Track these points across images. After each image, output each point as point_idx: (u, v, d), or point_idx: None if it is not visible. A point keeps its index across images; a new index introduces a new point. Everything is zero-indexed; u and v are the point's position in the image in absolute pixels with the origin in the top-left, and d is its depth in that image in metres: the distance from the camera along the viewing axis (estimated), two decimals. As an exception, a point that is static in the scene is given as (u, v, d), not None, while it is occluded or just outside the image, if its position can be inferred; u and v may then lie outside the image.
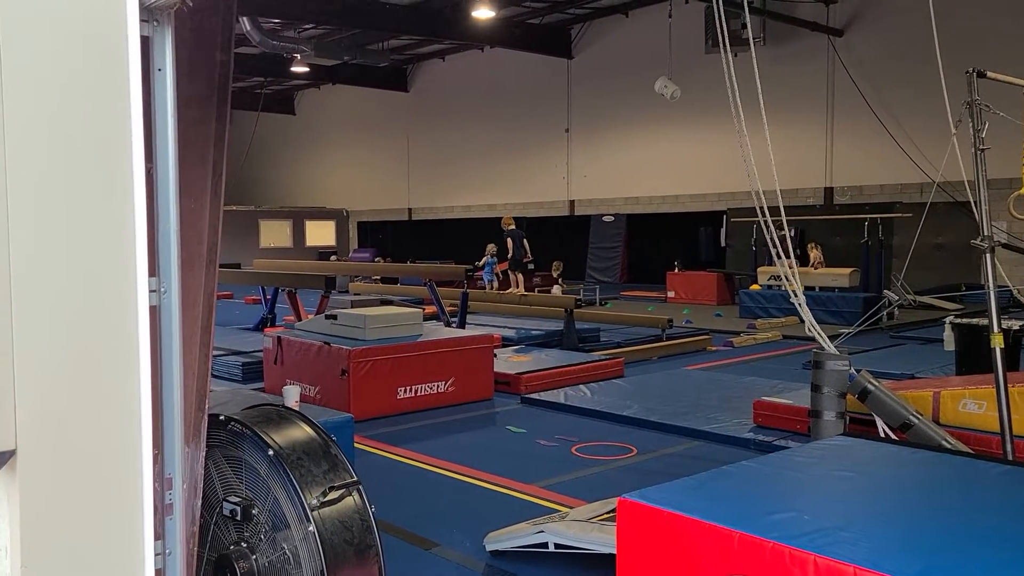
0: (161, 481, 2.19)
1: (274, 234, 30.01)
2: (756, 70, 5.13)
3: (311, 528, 2.54)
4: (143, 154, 2.08)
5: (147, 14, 2.07)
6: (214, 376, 8.98)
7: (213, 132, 2.63)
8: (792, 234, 16.74)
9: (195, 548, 2.56)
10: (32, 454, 1.92)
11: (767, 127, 5.12)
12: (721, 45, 5.14)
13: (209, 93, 2.61)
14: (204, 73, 2.57)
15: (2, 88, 1.90)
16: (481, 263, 17.61)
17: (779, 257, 5.25)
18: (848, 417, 5.31)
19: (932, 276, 15.51)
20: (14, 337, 1.89)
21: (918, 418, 4.95)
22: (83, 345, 1.99)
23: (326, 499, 2.58)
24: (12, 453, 1.90)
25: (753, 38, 17.17)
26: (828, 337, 5.38)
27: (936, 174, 10.66)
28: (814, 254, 15.80)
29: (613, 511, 3.64)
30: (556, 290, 17.21)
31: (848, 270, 14.57)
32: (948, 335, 7.56)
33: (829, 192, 18.93)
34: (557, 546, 3.94)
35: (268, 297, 12.35)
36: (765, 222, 5.15)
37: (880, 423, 5.09)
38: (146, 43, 2.08)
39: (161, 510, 2.18)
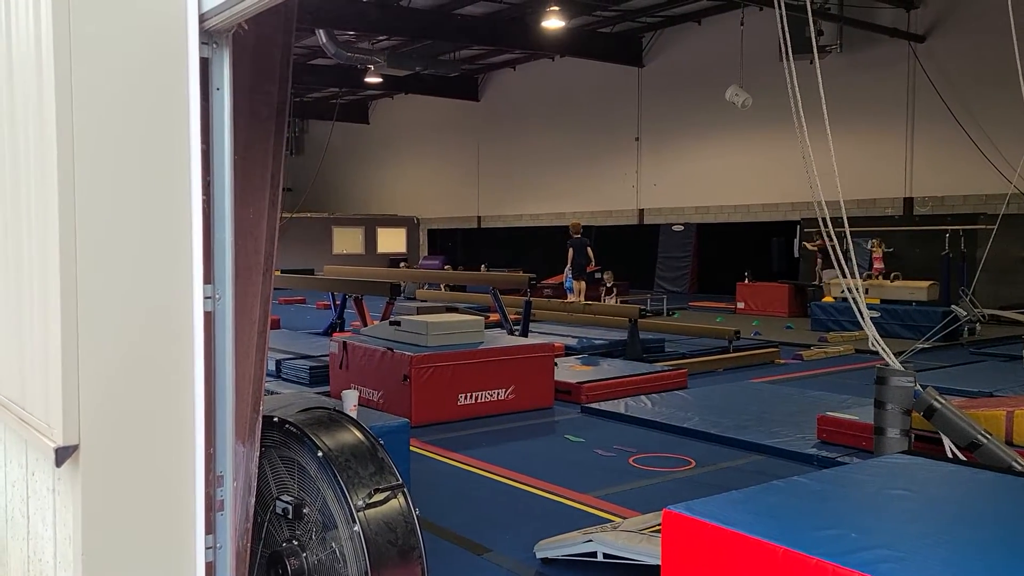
0: (213, 478, 2.30)
1: (346, 241, 30.68)
2: (819, 79, 5.06)
3: (356, 528, 2.62)
4: (201, 167, 2.21)
5: (206, 37, 2.20)
6: (283, 379, 9.25)
7: (272, 145, 2.75)
8: (869, 246, 16.30)
9: (248, 544, 2.67)
10: (94, 449, 2.06)
11: (830, 136, 5.02)
12: (784, 53, 5.08)
13: (268, 109, 2.73)
14: (264, 90, 2.69)
15: (73, 104, 2.05)
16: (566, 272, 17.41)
17: (837, 265, 5.15)
18: (914, 435, 5.16)
19: (1021, 290, 14.89)
20: (79, 341, 2.03)
21: (987, 438, 4.79)
22: (142, 348, 2.12)
23: (371, 501, 2.66)
24: (76, 448, 2.04)
25: (827, 46, 16.79)
26: (895, 352, 5.24)
27: (1022, 184, 10.26)
28: (877, 252, 15.33)
29: (662, 523, 3.62)
30: (609, 302, 16.98)
31: (927, 283, 14.11)
32: (1027, 352, 7.26)
33: (908, 202, 18.37)
34: (606, 556, 3.96)
35: (337, 303, 12.64)
36: (827, 233, 5.07)
37: (947, 442, 4.93)
38: (205, 64, 2.21)
39: (213, 506, 2.29)
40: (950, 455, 4.94)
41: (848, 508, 3.07)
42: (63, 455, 2.02)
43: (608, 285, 17.16)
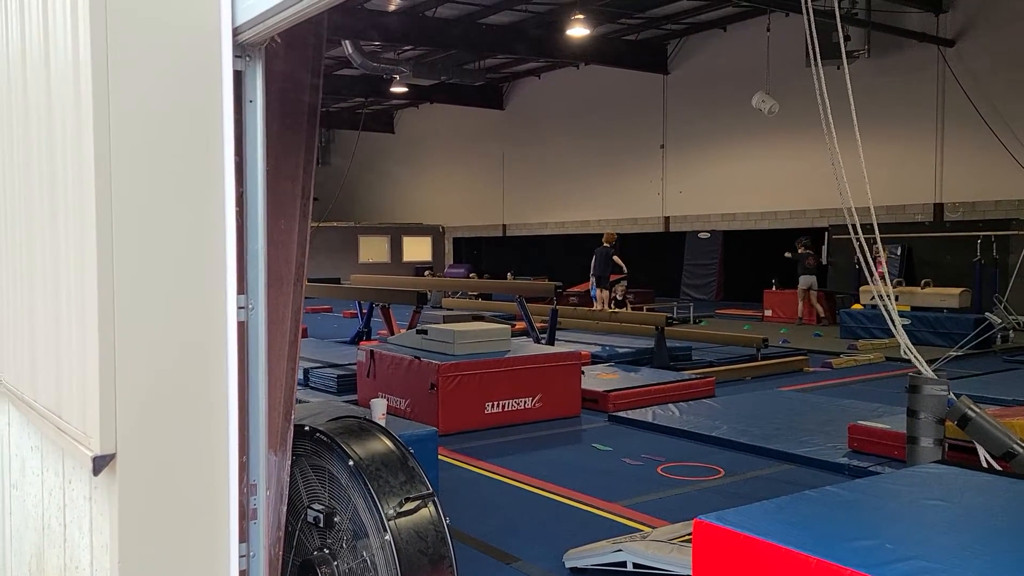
0: (246, 486, 2.32)
1: (372, 250, 30.87)
2: (848, 84, 5.01)
3: (387, 537, 2.63)
4: (235, 179, 2.23)
5: (240, 50, 2.23)
6: (311, 388, 9.31)
7: (302, 157, 2.77)
8: (899, 252, 16.10)
9: (280, 552, 2.69)
10: (130, 458, 2.08)
11: (860, 142, 4.98)
12: (812, 58, 5.05)
13: (299, 120, 2.76)
14: (295, 103, 2.72)
15: (110, 118, 2.08)
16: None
17: (867, 272, 5.09)
18: (947, 444, 5.08)
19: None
20: (116, 352, 2.06)
21: (1023, 447, 4.70)
22: (178, 358, 2.15)
23: (402, 510, 2.67)
24: (113, 456, 2.07)
25: (855, 51, 16.65)
26: (928, 360, 5.17)
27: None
28: (882, 256, 15.08)
29: (692, 533, 3.60)
30: None
31: (958, 290, 13.91)
32: (1063, 360, 7.13)
33: (939, 208, 18.13)
34: (635, 565, 3.93)
35: (364, 312, 12.71)
36: (857, 239, 5.01)
37: (982, 451, 4.85)
38: (238, 77, 2.24)
39: (246, 514, 2.31)
40: (985, 465, 4.85)
41: (882, 518, 3.03)
42: (100, 464, 2.05)
43: (619, 299, 16.78)
